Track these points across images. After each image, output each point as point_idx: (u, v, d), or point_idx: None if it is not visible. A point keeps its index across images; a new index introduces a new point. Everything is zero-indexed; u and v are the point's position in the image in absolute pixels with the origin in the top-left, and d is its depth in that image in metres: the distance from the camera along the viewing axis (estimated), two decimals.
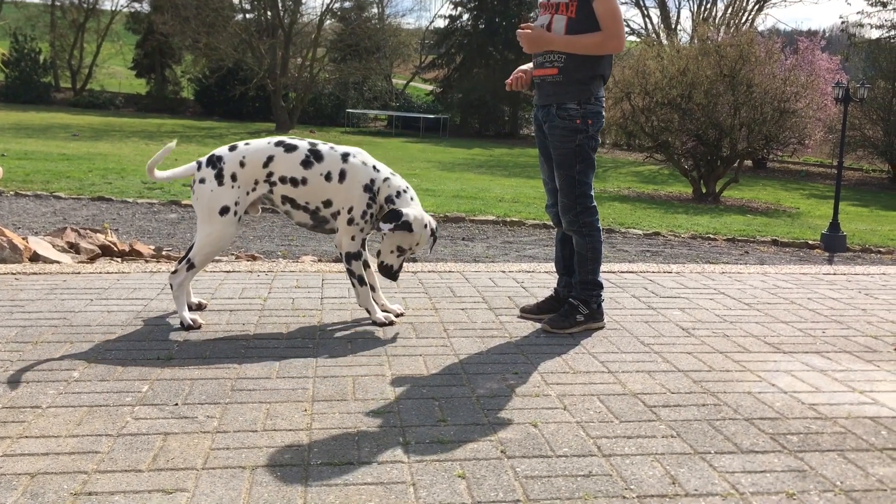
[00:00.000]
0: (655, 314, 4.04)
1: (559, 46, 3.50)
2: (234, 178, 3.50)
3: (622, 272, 5.09)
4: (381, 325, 3.66)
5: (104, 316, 3.68)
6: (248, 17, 39.01)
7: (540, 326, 3.73)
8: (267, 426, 2.50)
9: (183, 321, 3.52)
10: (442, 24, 49.88)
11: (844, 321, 4.04)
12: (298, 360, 3.15)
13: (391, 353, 3.28)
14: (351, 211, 3.57)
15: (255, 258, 6.45)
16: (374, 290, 3.79)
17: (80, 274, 4.54)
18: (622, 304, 4.23)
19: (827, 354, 3.46)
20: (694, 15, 37.46)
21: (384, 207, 3.59)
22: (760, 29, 30.56)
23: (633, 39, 34.18)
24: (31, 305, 3.81)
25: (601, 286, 3.73)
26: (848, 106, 15.16)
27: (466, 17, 44.63)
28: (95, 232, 6.55)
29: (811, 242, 11.77)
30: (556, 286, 3.97)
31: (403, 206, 3.56)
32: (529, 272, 4.99)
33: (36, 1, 48.53)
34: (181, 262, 3.59)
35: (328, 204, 3.59)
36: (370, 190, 3.57)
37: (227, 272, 4.70)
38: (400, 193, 3.60)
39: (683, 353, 3.40)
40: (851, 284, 4.98)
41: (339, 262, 6.01)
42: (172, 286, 3.56)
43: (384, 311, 3.79)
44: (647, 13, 42.03)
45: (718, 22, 34.05)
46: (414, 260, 7.02)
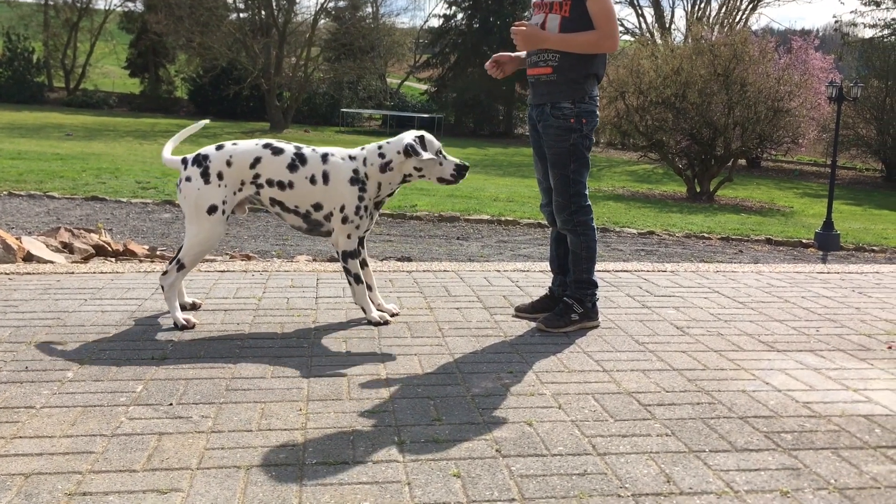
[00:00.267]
0: (650, 313, 4.04)
1: (553, 45, 3.50)
2: (220, 176, 3.49)
3: (617, 271, 5.10)
4: (375, 324, 3.66)
5: (98, 316, 3.67)
6: (242, 16, 39.01)
7: (535, 325, 3.73)
8: (262, 426, 2.49)
9: (176, 321, 3.51)
10: (436, 23, 49.93)
11: (838, 319, 4.05)
12: (293, 359, 3.15)
13: (386, 352, 3.28)
14: (343, 209, 3.57)
15: (249, 258, 6.44)
16: (370, 289, 3.79)
17: (73, 274, 4.52)
18: (617, 302, 4.23)
19: (821, 353, 3.47)
20: (688, 14, 37.51)
21: (388, 172, 3.57)
22: (754, 28, 30.64)
23: (627, 39, 34.23)
24: (24, 305, 3.80)
25: (596, 285, 3.74)
26: (841, 105, 15.20)
27: (461, 16, 44.65)
28: (89, 232, 6.53)
29: (805, 241, 11.81)
30: (550, 285, 3.97)
31: (391, 146, 3.58)
32: (524, 271, 4.99)
33: (29, 0, 48.39)
34: (171, 262, 3.59)
35: (318, 207, 3.58)
36: (357, 181, 3.57)
37: (221, 272, 4.70)
38: (382, 146, 3.61)
39: (678, 351, 3.40)
40: (845, 283, 4.99)
41: (334, 261, 6.00)
42: (164, 288, 3.56)
43: (380, 310, 3.78)
44: (641, 12, 42.16)
45: (712, 21, 34.12)
46: (409, 259, 7.02)
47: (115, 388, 2.78)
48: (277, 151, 3.55)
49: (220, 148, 3.55)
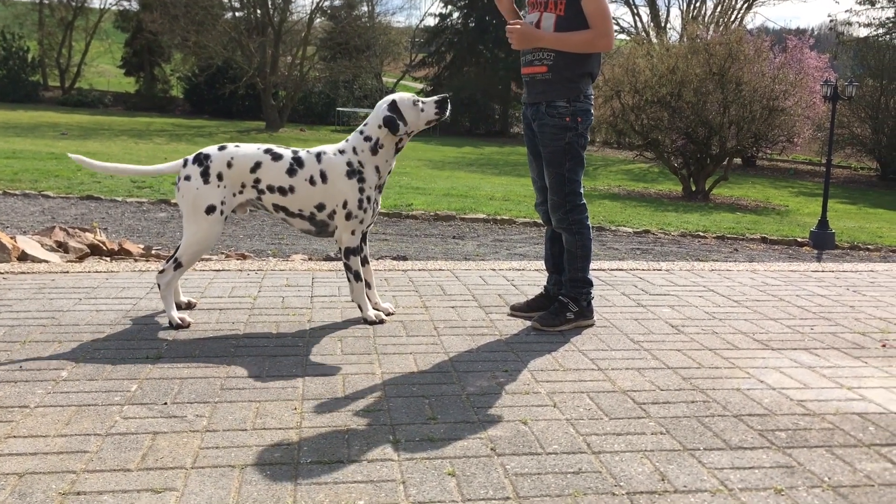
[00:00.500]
0: (645, 311, 4.05)
1: (548, 44, 3.50)
2: (220, 177, 3.49)
3: (612, 270, 5.11)
4: (371, 323, 3.66)
5: (93, 315, 3.66)
6: (237, 15, 38.88)
7: (530, 324, 3.73)
8: (256, 425, 2.49)
9: (171, 320, 3.51)
10: (432, 22, 49.90)
11: (833, 318, 4.06)
12: (288, 358, 3.14)
13: (381, 351, 3.28)
14: (346, 205, 3.57)
15: (245, 257, 6.43)
16: (369, 287, 3.79)
17: (68, 273, 4.52)
18: (612, 301, 4.24)
19: (815, 351, 3.47)
20: (683, 13, 37.56)
21: (380, 150, 3.59)
22: (749, 27, 30.66)
23: (623, 37, 34.24)
24: (18, 305, 3.79)
25: (591, 284, 3.74)
26: (836, 104, 15.25)
27: (457, 15, 44.60)
28: (84, 231, 6.52)
29: (800, 240, 11.84)
30: (545, 284, 3.98)
31: (370, 125, 3.60)
32: (520, 270, 5.00)
33: None
34: (168, 261, 3.58)
35: (321, 207, 3.59)
36: (353, 173, 3.57)
37: (216, 271, 4.69)
38: (362, 130, 3.62)
39: (673, 350, 3.41)
40: (840, 281, 5.00)
41: (329, 260, 6.00)
42: (160, 286, 3.55)
43: (376, 309, 3.79)
44: (636, 11, 42.14)
45: (708, 20, 34.14)
46: (405, 258, 7.01)
47: (109, 387, 2.77)
48: (277, 157, 3.56)
49: (222, 149, 3.55)
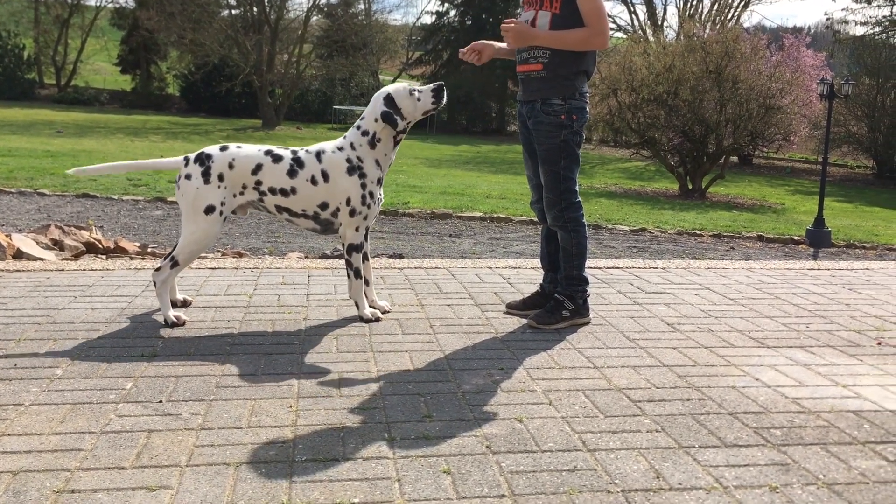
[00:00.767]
0: (641, 310, 4.05)
1: (544, 42, 3.50)
2: (220, 178, 3.48)
3: (608, 268, 5.11)
4: (367, 320, 3.66)
5: (88, 313, 3.66)
6: (233, 12, 38.83)
7: (526, 322, 3.73)
8: (252, 423, 2.49)
9: (167, 318, 3.50)
10: (429, 20, 49.86)
11: (828, 316, 4.07)
12: (284, 356, 3.14)
13: (377, 349, 3.27)
14: (350, 202, 3.57)
15: (241, 255, 6.42)
16: (367, 284, 3.79)
17: (63, 271, 4.51)
18: (608, 299, 4.24)
19: (810, 349, 3.48)
20: (680, 11, 37.54)
21: (378, 144, 3.60)
22: (746, 26, 30.64)
23: (619, 36, 34.27)
24: (13, 303, 3.78)
25: (587, 282, 3.74)
26: (833, 102, 15.26)
27: (453, 13, 44.61)
28: (80, 229, 6.51)
29: (796, 238, 11.86)
30: (541, 282, 3.98)
31: (366, 119, 3.60)
32: (516, 268, 5.00)
33: None
34: (165, 259, 3.58)
35: (324, 206, 3.59)
36: (354, 169, 3.57)
37: (212, 269, 4.68)
38: (359, 125, 3.62)
39: (668, 348, 3.41)
40: (835, 280, 5.01)
41: (325, 258, 6.00)
42: (156, 283, 3.55)
43: (372, 307, 3.78)
44: (633, 9, 42.17)
45: (704, 18, 34.15)
46: (401, 256, 7.01)
47: (104, 385, 2.77)
48: (277, 159, 3.55)
49: (224, 149, 3.54)
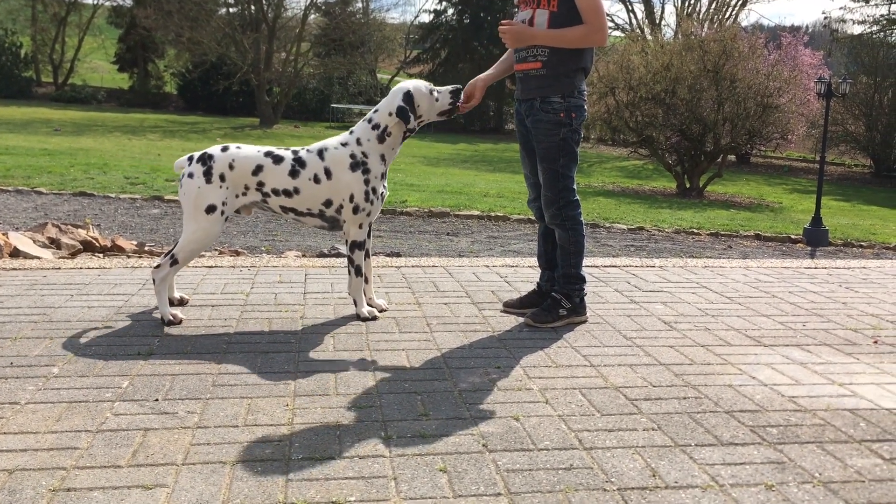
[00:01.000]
0: (638, 308, 4.05)
1: (543, 41, 3.50)
2: (222, 178, 3.48)
3: (605, 266, 5.11)
4: (364, 319, 3.66)
5: (84, 311, 3.65)
6: (231, 11, 38.72)
7: (523, 321, 3.73)
8: (248, 421, 2.49)
9: (164, 316, 3.50)
10: (427, 18, 49.85)
11: (825, 314, 4.07)
12: (280, 355, 3.14)
13: (374, 347, 3.27)
14: (353, 199, 3.56)
15: (238, 253, 6.42)
16: (366, 281, 3.79)
17: (60, 269, 4.50)
18: (605, 298, 4.24)
19: (807, 347, 3.48)
20: (678, 10, 37.54)
21: (387, 138, 3.59)
22: (744, 24, 30.64)
23: (617, 35, 34.26)
24: (10, 301, 3.77)
25: (584, 280, 3.74)
26: (830, 101, 15.26)
27: (451, 12, 44.53)
28: (77, 227, 6.50)
29: (794, 237, 11.86)
30: (538, 280, 3.98)
31: (380, 112, 3.60)
32: (513, 267, 5.00)
33: None
34: (165, 256, 3.58)
35: (328, 203, 3.59)
36: (357, 165, 3.56)
37: (209, 267, 4.68)
38: (371, 118, 3.62)
39: (665, 346, 3.41)
40: (832, 278, 5.02)
41: (322, 256, 5.99)
42: (155, 281, 3.55)
43: (370, 305, 3.78)
44: (631, 8, 42.11)
45: (702, 17, 34.16)
46: (398, 255, 7.01)
47: (100, 383, 2.76)
48: (278, 160, 3.55)
49: (225, 149, 3.55)
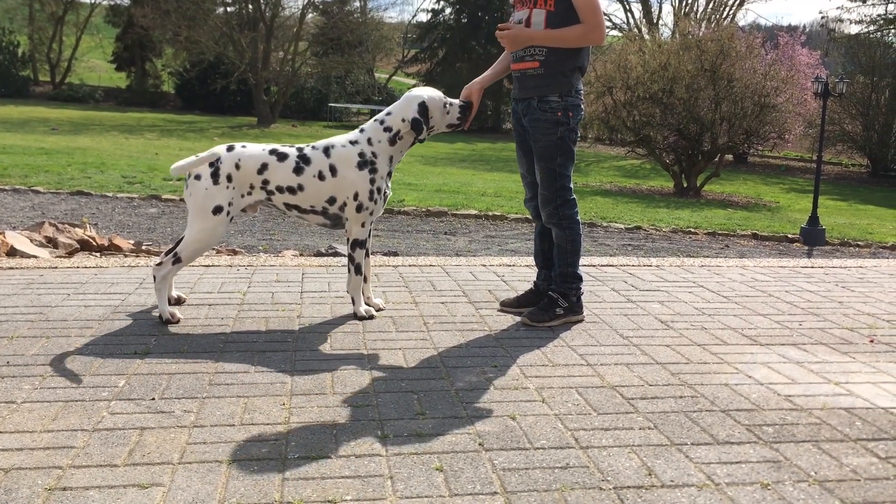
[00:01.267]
0: (635, 307, 4.05)
1: (540, 41, 3.50)
2: (229, 178, 3.48)
3: (602, 266, 5.11)
4: (361, 318, 3.66)
5: (81, 311, 3.65)
6: (229, 10, 38.69)
7: (519, 320, 3.73)
8: (244, 420, 2.49)
9: (163, 314, 3.50)
10: (424, 18, 49.83)
11: (821, 314, 4.08)
12: (277, 354, 3.14)
13: (370, 347, 3.27)
14: (357, 197, 3.56)
15: (235, 252, 6.42)
16: (365, 280, 3.79)
17: (57, 268, 4.49)
18: (602, 297, 4.24)
19: (803, 346, 3.49)
20: (675, 10, 37.56)
21: (398, 142, 3.61)
22: (741, 24, 30.65)
23: (615, 34, 34.26)
24: (6, 300, 3.77)
25: (580, 279, 3.74)
26: (827, 101, 15.27)
27: (449, 11, 44.56)
28: (74, 226, 6.49)
29: (791, 236, 11.87)
30: (535, 279, 3.98)
31: (393, 116, 3.62)
32: (510, 266, 5.00)
33: None
34: (167, 254, 3.57)
35: (332, 201, 3.58)
36: (365, 164, 3.56)
37: (206, 266, 4.68)
38: (383, 120, 3.63)
39: (662, 345, 3.42)
40: (829, 277, 5.02)
41: (319, 255, 5.99)
42: (156, 278, 3.54)
43: (367, 304, 3.78)
44: (629, 8, 42.15)
45: (700, 17, 34.17)
46: (395, 254, 7.01)
47: (97, 382, 2.76)
48: (282, 157, 3.55)
49: (230, 149, 3.54)
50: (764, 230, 12.23)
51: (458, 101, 3.72)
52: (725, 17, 36.19)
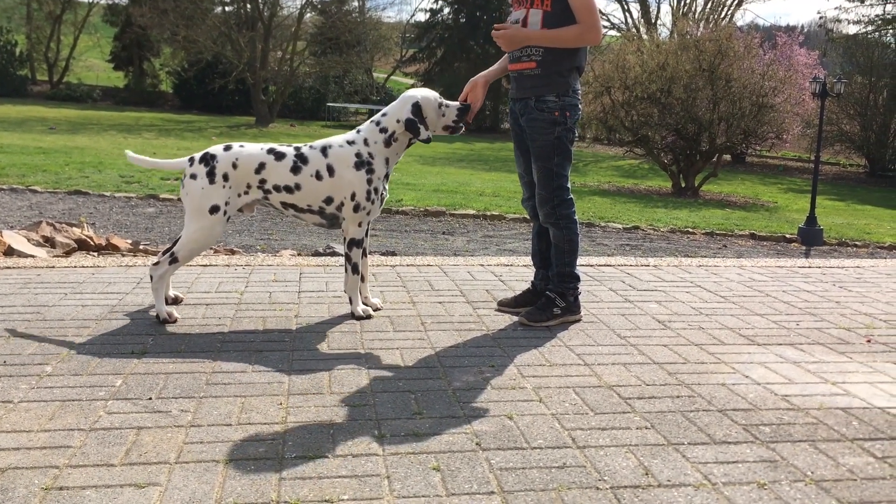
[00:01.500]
0: (632, 307, 4.06)
1: (537, 42, 3.50)
2: (225, 178, 3.48)
3: (600, 265, 5.11)
4: (358, 318, 3.66)
5: (78, 310, 3.65)
6: (227, 9, 38.66)
7: (517, 319, 3.73)
8: (241, 420, 2.49)
9: (160, 313, 3.50)
10: (423, 17, 49.82)
11: (818, 313, 4.08)
12: (274, 353, 3.14)
13: (368, 346, 3.27)
14: (354, 197, 3.56)
15: (233, 252, 6.41)
16: (362, 280, 3.79)
17: (54, 268, 4.49)
18: (599, 297, 4.25)
19: (800, 346, 3.49)
20: (674, 10, 37.58)
21: (393, 143, 3.61)
22: (739, 24, 30.66)
23: (613, 34, 34.26)
24: (4, 300, 3.76)
25: (578, 279, 3.74)
26: (825, 101, 15.29)
27: (447, 11, 44.56)
28: (71, 226, 6.49)
29: (788, 236, 11.88)
30: (533, 279, 3.98)
31: (388, 117, 3.61)
32: (508, 266, 5.00)
33: None
34: (164, 254, 3.57)
35: (329, 201, 3.58)
36: (362, 164, 3.56)
37: (203, 266, 4.67)
38: (379, 121, 3.63)
39: (659, 345, 3.42)
40: (826, 277, 5.03)
41: (317, 255, 5.99)
42: (153, 277, 3.54)
43: (365, 303, 3.78)
44: (627, 7, 42.09)
45: (698, 17, 34.19)
46: (393, 254, 7.01)
47: (94, 382, 2.76)
48: (280, 156, 3.55)
49: (227, 149, 3.54)
50: (762, 230, 12.24)
51: (455, 102, 3.71)
52: (724, 16, 36.20)
